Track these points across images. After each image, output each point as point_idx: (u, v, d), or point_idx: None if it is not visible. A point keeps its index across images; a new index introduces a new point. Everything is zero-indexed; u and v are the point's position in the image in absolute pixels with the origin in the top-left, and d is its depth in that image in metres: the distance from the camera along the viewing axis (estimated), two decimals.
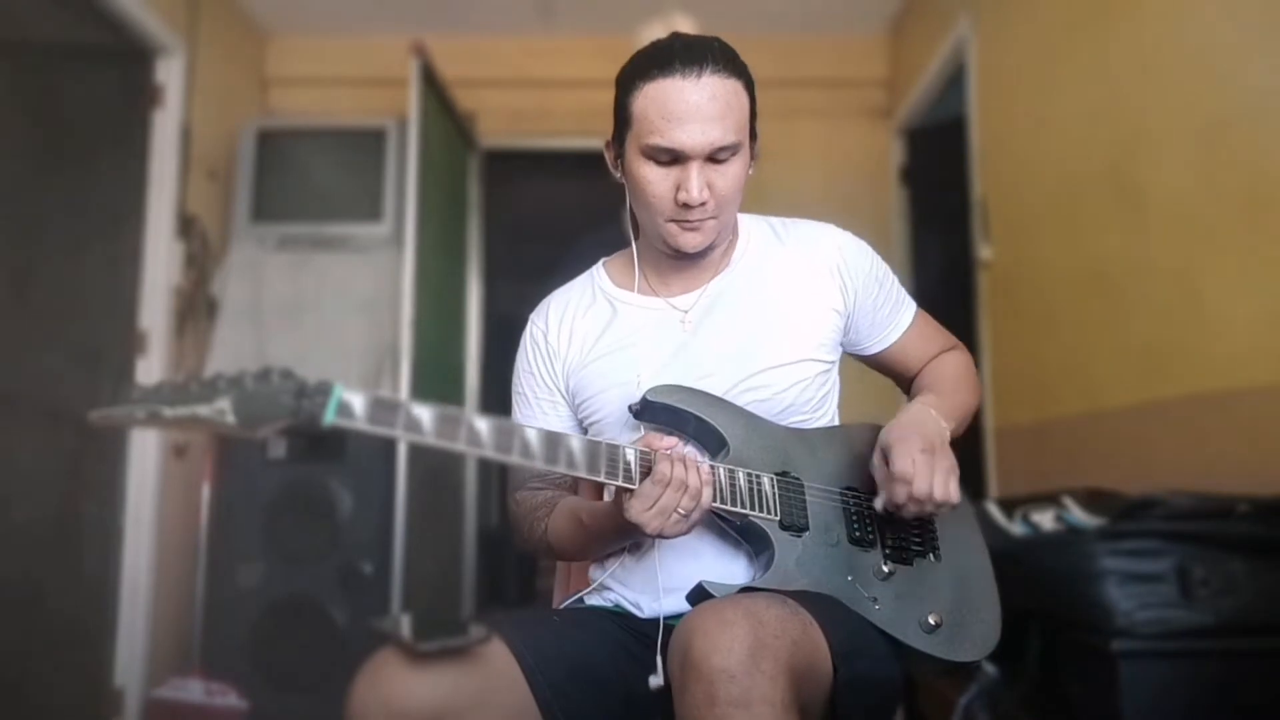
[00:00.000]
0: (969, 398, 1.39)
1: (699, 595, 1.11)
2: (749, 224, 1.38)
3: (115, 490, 3.07)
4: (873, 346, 1.39)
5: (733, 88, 1.20)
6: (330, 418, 0.94)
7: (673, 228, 1.23)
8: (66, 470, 2.90)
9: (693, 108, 1.17)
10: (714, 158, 1.20)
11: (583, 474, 1.08)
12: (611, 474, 1.09)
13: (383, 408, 0.96)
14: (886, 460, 1.19)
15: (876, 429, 1.34)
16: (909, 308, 1.41)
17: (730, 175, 1.21)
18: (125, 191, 3.18)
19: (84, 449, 3.00)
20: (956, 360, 1.44)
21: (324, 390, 0.94)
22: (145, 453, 3.12)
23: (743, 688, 0.93)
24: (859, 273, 1.33)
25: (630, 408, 1.22)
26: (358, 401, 0.95)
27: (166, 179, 3.26)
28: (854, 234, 1.38)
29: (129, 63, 3.23)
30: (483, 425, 1.02)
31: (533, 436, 1.05)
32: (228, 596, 3.12)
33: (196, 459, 3.31)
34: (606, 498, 1.36)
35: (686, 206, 1.20)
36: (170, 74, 3.29)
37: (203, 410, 0.91)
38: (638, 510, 1.08)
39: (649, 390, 1.21)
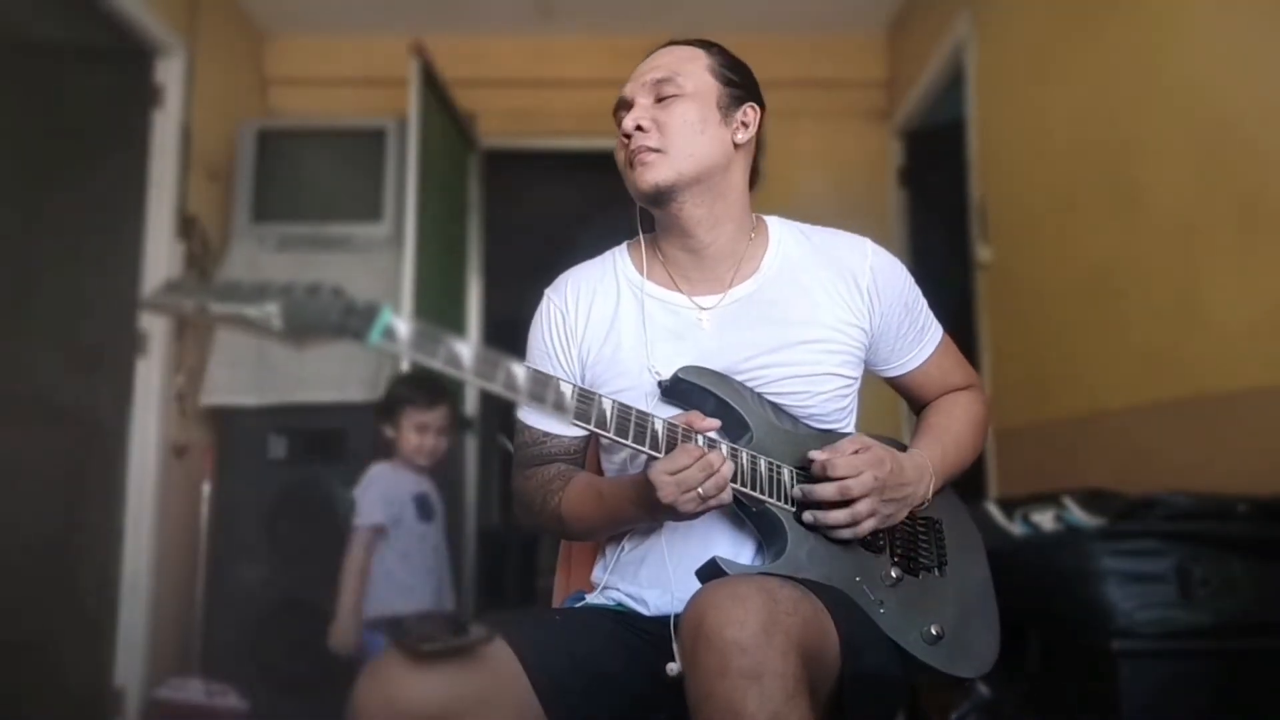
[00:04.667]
0: (970, 454, 1.39)
1: (712, 571, 1.12)
2: (778, 229, 1.36)
3: (115, 490, 3.06)
4: (889, 371, 1.39)
5: (681, 48, 1.32)
6: (375, 339, 0.94)
7: (630, 173, 1.28)
8: (66, 471, 2.90)
9: (638, 69, 1.32)
10: (659, 97, 1.28)
11: (610, 435, 1.09)
12: (639, 440, 1.10)
13: (426, 337, 0.97)
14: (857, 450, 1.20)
15: (894, 444, 1.34)
16: (933, 338, 1.39)
17: (673, 109, 1.27)
18: (125, 191, 3.18)
19: (84, 449, 2.99)
20: (970, 408, 1.42)
21: (371, 311, 0.94)
22: (145, 453, 3.12)
23: (755, 660, 0.93)
24: (889, 296, 1.32)
25: (660, 383, 1.23)
26: (403, 327, 0.96)
27: (166, 179, 3.25)
28: (887, 251, 1.36)
29: (129, 63, 3.23)
30: (520, 371, 1.03)
31: (568, 391, 1.06)
32: (228, 596, 3.12)
33: (196, 459, 3.31)
34: (606, 468, 1.36)
35: (629, 139, 1.26)
36: (170, 74, 3.29)
37: (251, 311, 0.90)
38: (659, 471, 1.08)
39: (681, 369, 1.22)
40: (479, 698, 1.06)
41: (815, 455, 1.20)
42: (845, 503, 1.18)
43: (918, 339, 1.37)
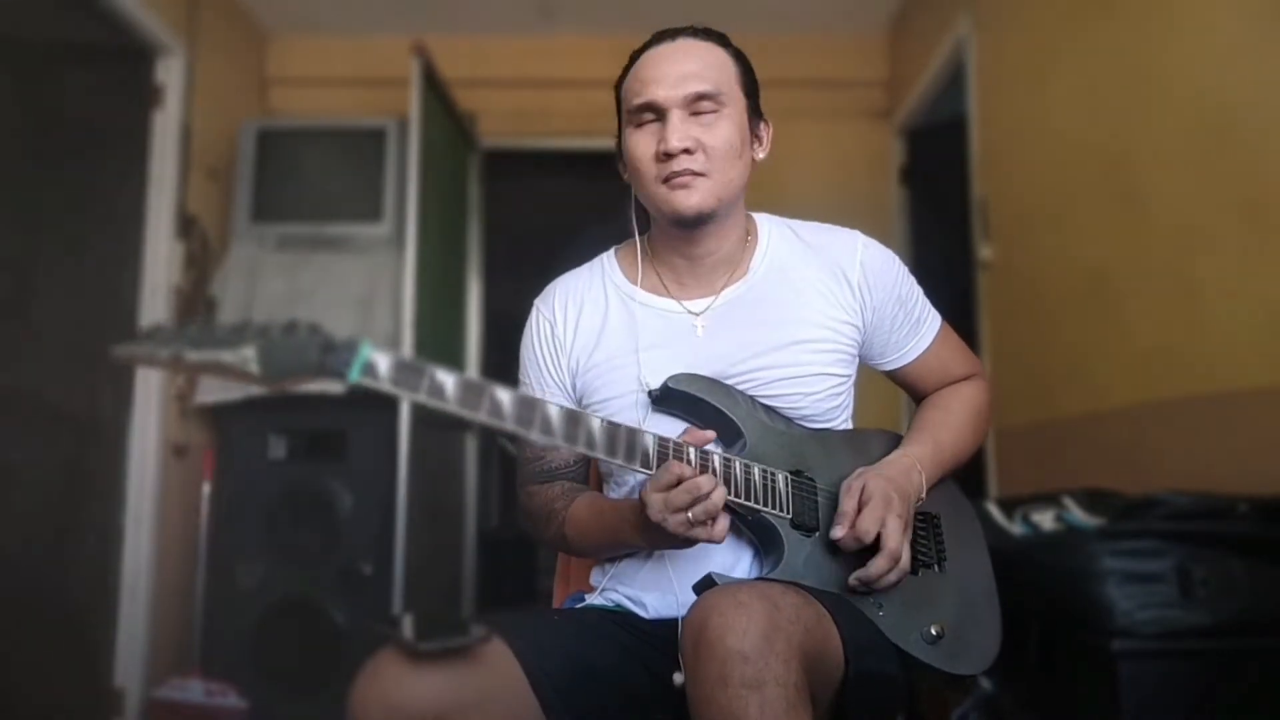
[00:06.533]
0: (970, 443, 1.37)
1: (708, 587, 1.10)
2: (769, 227, 1.34)
3: (115, 490, 3.06)
4: (886, 364, 1.37)
5: (712, 49, 1.25)
6: (355, 376, 0.93)
7: (663, 191, 1.22)
8: (66, 470, 2.90)
9: (667, 64, 1.23)
10: (696, 111, 1.21)
11: (600, 455, 1.07)
12: (629, 458, 1.08)
13: (407, 371, 0.96)
14: (860, 503, 1.17)
15: (891, 436, 1.34)
16: (930, 329, 1.37)
17: (717, 131, 1.21)
18: (125, 191, 3.18)
19: (84, 449, 3.00)
20: (969, 399, 1.40)
21: (350, 348, 0.93)
22: (145, 453, 3.12)
23: (756, 669, 0.93)
24: (880, 289, 1.30)
25: (650, 393, 1.22)
26: (383, 362, 0.94)
27: (166, 179, 3.25)
28: (880, 244, 1.34)
29: (129, 63, 3.23)
30: (505, 397, 1.01)
31: (554, 413, 1.04)
32: (228, 596, 3.12)
33: (196, 459, 3.31)
34: (604, 472, 1.36)
35: (669, 157, 1.20)
36: (170, 74, 3.29)
37: (227, 356, 0.89)
38: (648, 489, 1.07)
39: (671, 378, 1.21)
40: (476, 697, 1.06)
41: (835, 535, 1.16)
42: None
43: (913, 331, 1.35)
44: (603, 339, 1.30)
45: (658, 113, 1.22)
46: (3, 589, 2.58)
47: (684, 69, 1.22)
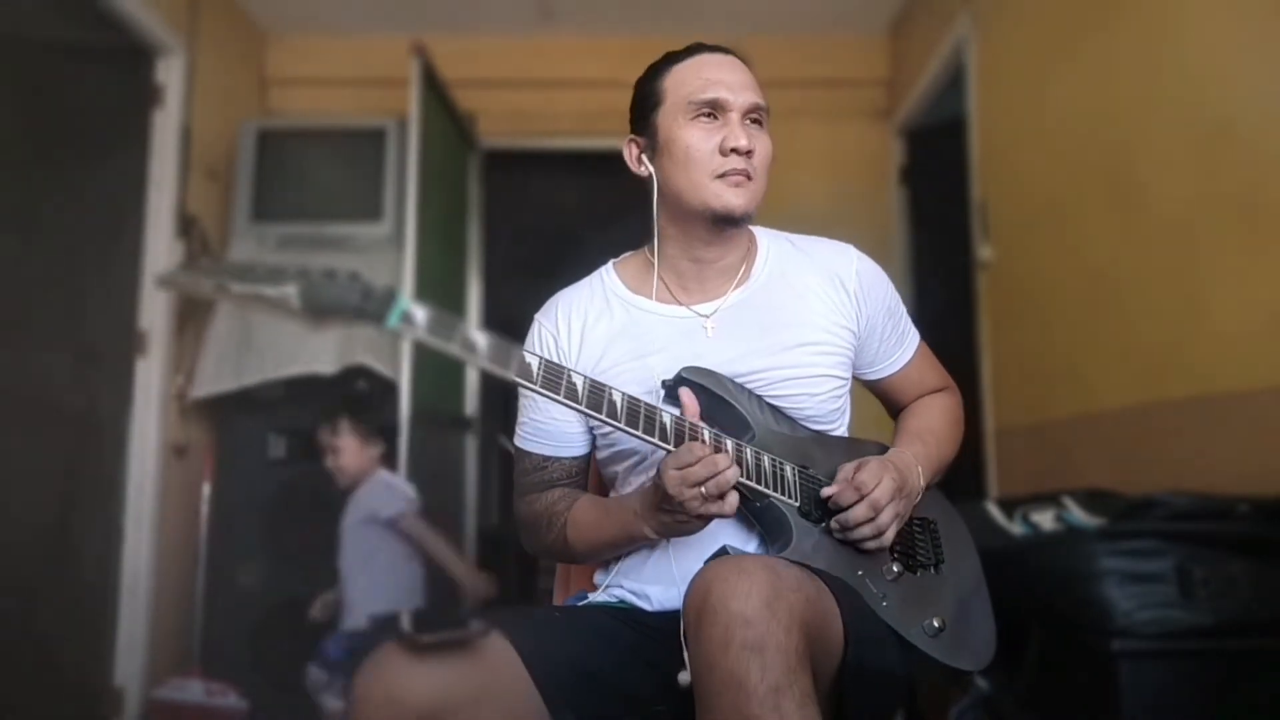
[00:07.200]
0: (951, 451, 1.41)
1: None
2: (767, 238, 1.38)
3: (115, 490, 3.06)
4: (870, 374, 1.41)
5: (750, 73, 1.32)
6: (393, 322, 0.96)
7: (717, 186, 1.25)
8: (66, 470, 2.90)
9: (726, 72, 1.29)
10: (750, 118, 1.27)
11: (620, 425, 1.10)
12: (648, 431, 1.11)
13: (443, 323, 0.99)
14: (859, 468, 1.21)
15: (885, 447, 1.36)
16: (912, 343, 1.42)
17: (764, 142, 1.28)
18: (125, 191, 3.18)
19: (84, 449, 3.00)
20: (948, 408, 1.45)
21: (389, 295, 0.97)
22: (145, 453, 3.12)
23: (758, 633, 0.94)
24: (874, 300, 1.35)
25: (664, 383, 1.24)
26: (420, 313, 0.98)
27: (166, 179, 3.26)
28: (870, 255, 1.38)
29: (129, 63, 3.23)
30: (534, 361, 1.06)
31: (579, 381, 1.08)
32: (228, 596, 3.13)
33: (196, 459, 3.31)
34: (605, 475, 1.36)
35: (735, 153, 1.24)
36: (170, 74, 3.29)
37: (269, 291, 0.92)
38: (668, 465, 1.09)
39: (684, 369, 1.23)
40: (478, 691, 1.07)
41: (829, 491, 1.20)
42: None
43: (899, 343, 1.40)
44: (609, 348, 1.31)
45: (719, 111, 1.26)
46: (3, 589, 2.58)
47: (743, 79, 1.29)
